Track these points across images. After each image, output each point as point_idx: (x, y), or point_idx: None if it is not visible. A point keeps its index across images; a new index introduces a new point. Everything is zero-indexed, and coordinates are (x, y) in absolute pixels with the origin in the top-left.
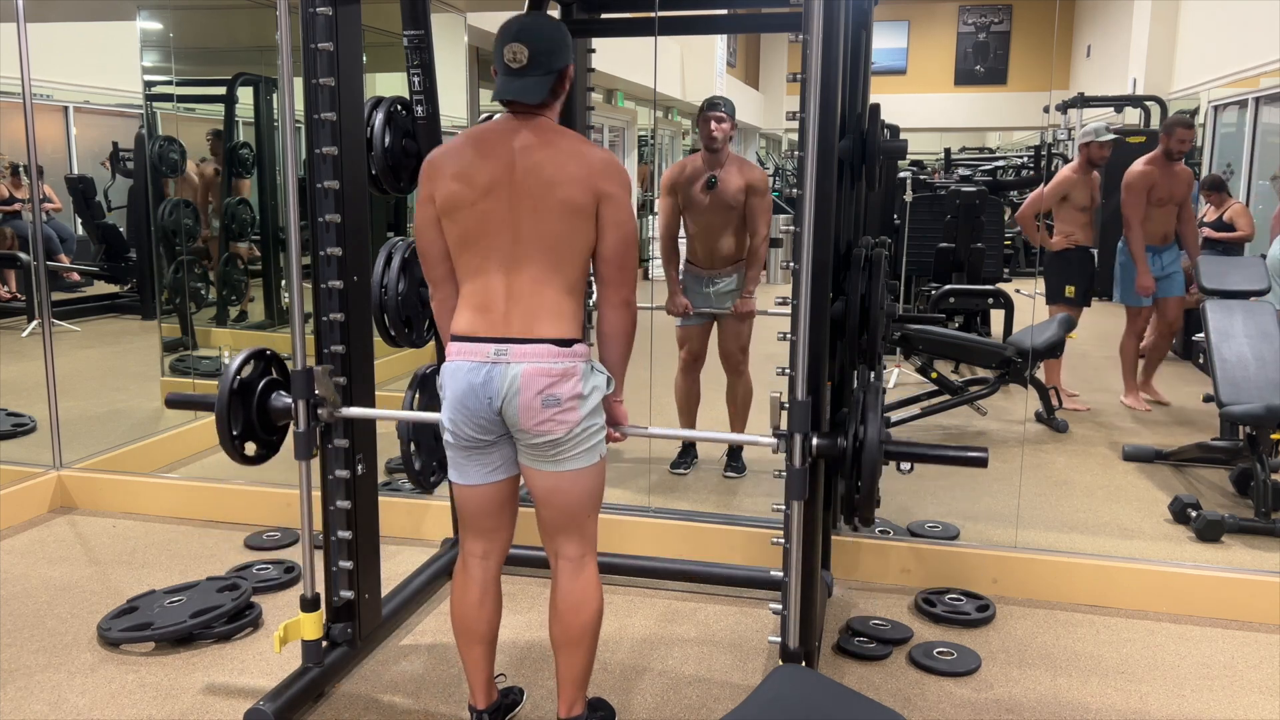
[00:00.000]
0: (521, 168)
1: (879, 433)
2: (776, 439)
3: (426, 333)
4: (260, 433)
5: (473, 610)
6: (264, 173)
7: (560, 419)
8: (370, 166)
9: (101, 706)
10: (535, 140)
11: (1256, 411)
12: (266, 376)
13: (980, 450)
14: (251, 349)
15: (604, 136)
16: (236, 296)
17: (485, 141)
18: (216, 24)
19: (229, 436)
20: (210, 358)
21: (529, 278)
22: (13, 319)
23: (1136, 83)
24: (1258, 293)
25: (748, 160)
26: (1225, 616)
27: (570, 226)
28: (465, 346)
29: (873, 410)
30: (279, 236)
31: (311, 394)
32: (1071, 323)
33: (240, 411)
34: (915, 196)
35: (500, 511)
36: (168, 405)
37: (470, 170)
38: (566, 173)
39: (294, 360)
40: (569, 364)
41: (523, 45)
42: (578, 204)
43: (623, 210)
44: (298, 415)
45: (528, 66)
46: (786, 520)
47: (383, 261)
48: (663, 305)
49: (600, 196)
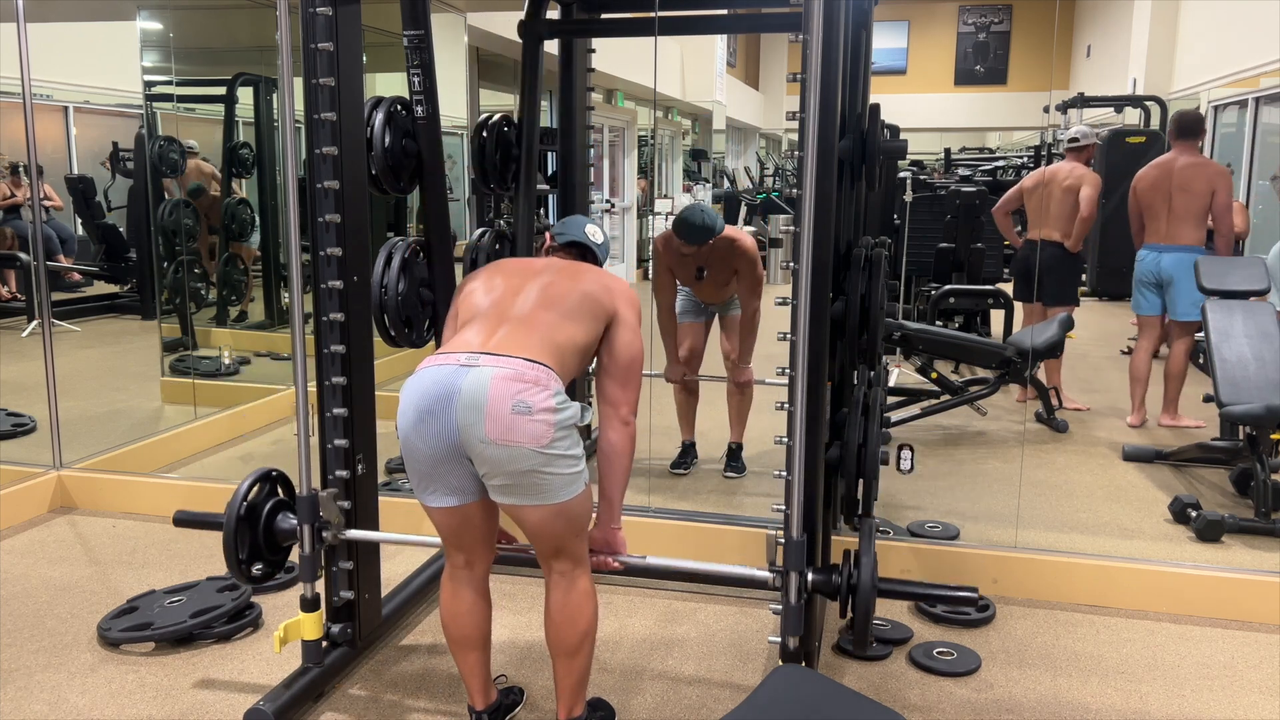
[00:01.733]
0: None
1: (872, 576)
2: (772, 574)
3: (426, 333)
4: (266, 554)
5: (463, 618)
6: (264, 173)
7: (529, 430)
8: (370, 166)
9: (101, 706)
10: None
11: (1256, 411)
12: (273, 498)
13: (970, 590)
14: (258, 472)
15: (604, 136)
16: (236, 296)
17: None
18: (216, 24)
19: (235, 561)
20: (210, 358)
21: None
22: (13, 319)
23: (1136, 83)
24: (1258, 293)
25: (733, 235)
26: (1225, 616)
27: (584, 308)
28: (434, 358)
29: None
30: (279, 237)
31: (317, 518)
32: (1071, 323)
33: (247, 535)
34: (915, 196)
35: (477, 531)
36: (176, 524)
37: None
38: (588, 281)
39: (299, 484)
40: (542, 374)
41: (601, 232)
42: (595, 305)
43: (632, 332)
44: (303, 539)
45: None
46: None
47: (383, 261)
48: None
49: (614, 314)
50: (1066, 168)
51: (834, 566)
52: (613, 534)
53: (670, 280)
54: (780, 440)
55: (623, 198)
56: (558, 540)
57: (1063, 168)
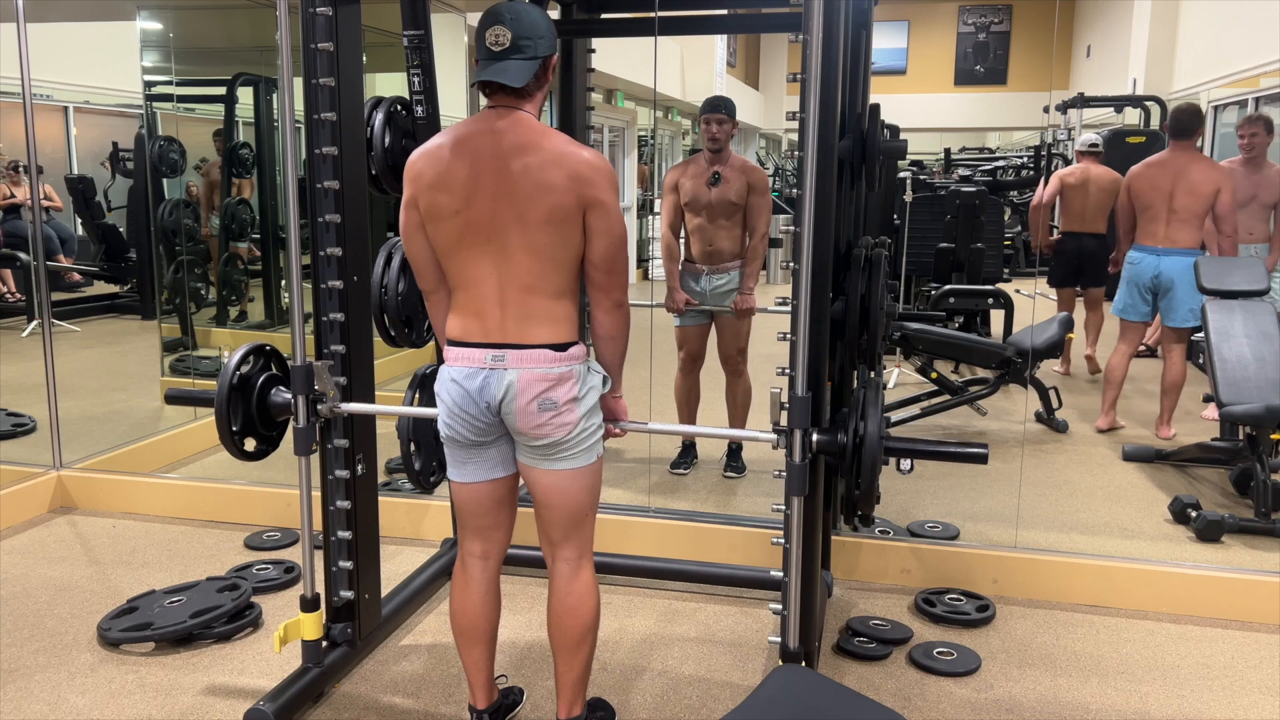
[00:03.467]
0: (505, 173)
1: (879, 428)
2: (776, 435)
3: (426, 333)
4: (260, 428)
5: (473, 610)
6: (264, 173)
7: (557, 422)
8: (370, 166)
9: (101, 706)
10: (519, 142)
11: (1256, 411)
12: (266, 372)
13: (980, 446)
14: (251, 344)
15: (604, 136)
16: (236, 296)
17: (466, 143)
18: (216, 24)
19: (228, 432)
20: (210, 358)
21: (519, 284)
22: (13, 319)
23: (1136, 83)
24: (1258, 293)
25: (749, 161)
26: (1225, 616)
27: (558, 233)
28: (461, 352)
29: (873, 406)
30: (279, 236)
31: (311, 389)
32: (1071, 323)
33: (240, 407)
34: (915, 196)
35: (498, 509)
36: (167, 401)
37: (451, 177)
38: (552, 179)
39: (294, 356)
40: (565, 368)
41: (505, 28)
42: (565, 212)
43: (611, 215)
44: (297, 410)
45: (510, 49)
46: (786, 519)
47: (383, 261)
48: (662, 303)
49: (588, 204)
50: (1097, 169)
51: (839, 424)
52: (614, 402)
53: (677, 204)
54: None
55: (622, 198)
56: (567, 510)
57: (1093, 168)
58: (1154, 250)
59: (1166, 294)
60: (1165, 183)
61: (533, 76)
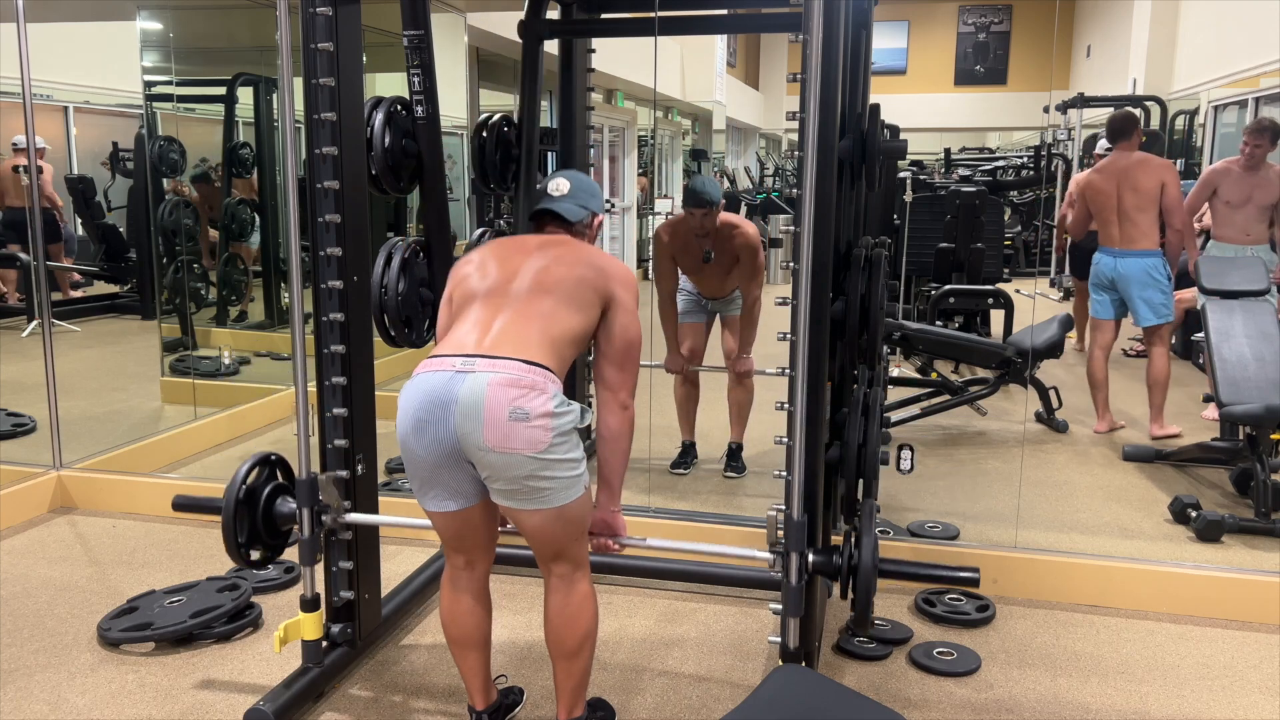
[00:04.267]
0: (540, 256)
1: (873, 556)
2: (773, 555)
3: (426, 333)
4: (265, 538)
5: (463, 618)
6: (264, 173)
7: (527, 436)
8: (370, 166)
9: (101, 706)
10: (559, 241)
11: (1256, 411)
12: (272, 481)
13: (972, 570)
14: (257, 456)
15: (604, 137)
16: (236, 296)
17: (512, 239)
18: (216, 24)
19: (235, 544)
20: (210, 358)
21: (520, 318)
22: (13, 319)
23: (1136, 83)
24: (1258, 293)
25: (737, 221)
26: (1225, 616)
27: (572, 305)
28: (430, 362)
29: (867, 531)
30: (278, 237)
31: (316, 502)
32: (1071, 323)
33: (246, 520)
34: (915, 196)
35: (475, 534)
36: (175, 509)
37: (489, 256)
38: (581, 272)
39: (299, 467)
40: (539, 378)
41: (567, 181)
42: (585, 293)
43: (629, 316)
44: (303, 523)
45: (567, 196)
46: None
47: (383, 261)
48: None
49: (611, 297)
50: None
51: (835, 547)
52: (613, 516)
53: (672, 269)
54: (780, 440)
55: (622, 198)
56: (556, 544)
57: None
58: (1111, 251)
59: (1125, 293)
60: (1110, 185)
61: (580, 221)
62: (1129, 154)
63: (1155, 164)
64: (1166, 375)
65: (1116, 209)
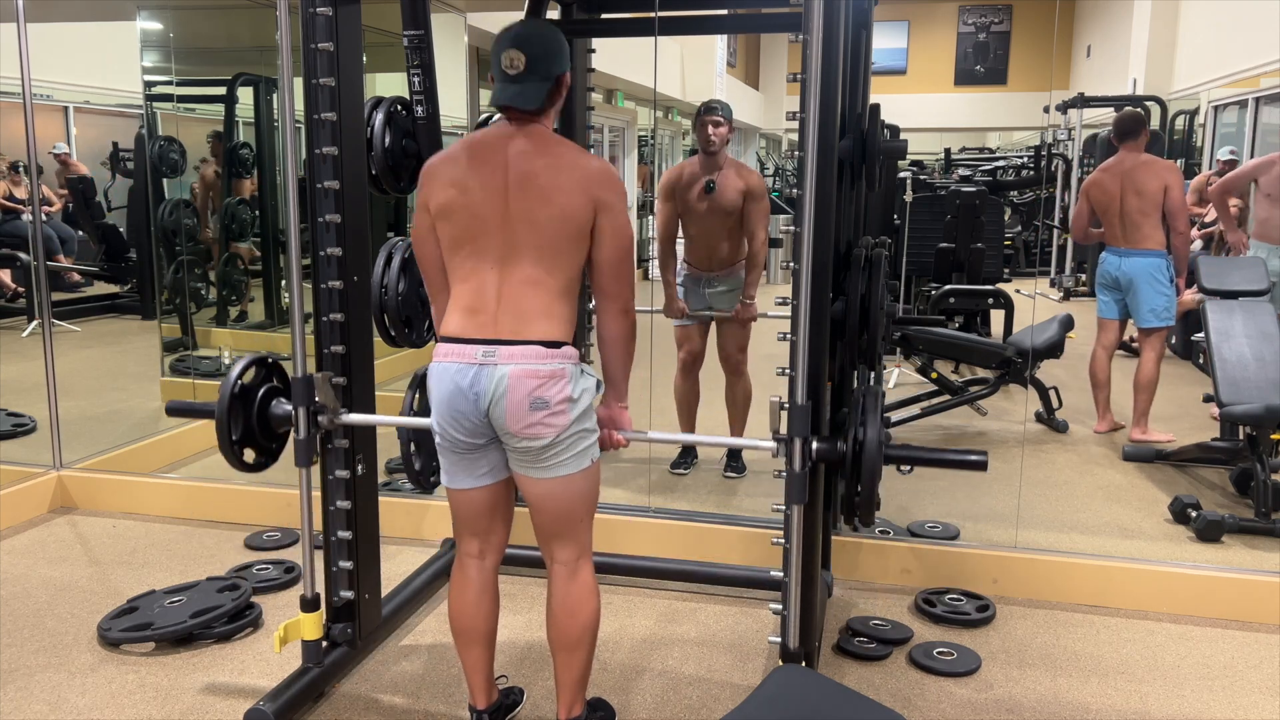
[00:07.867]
0: (517, 174)
1: (879, 435)
2: (776, 443)
3: (426, 333)
4: (260, 440)
5: (470, 610)
6: (264, 173)
7: (549, 422)
8: (370, 166)
9: (101, 706)
10: (532, 148)
11: (1256, 411)
12: (267, 383)
13: (980, 453)
14: (252, 355)
15: (604, 137)
16: (236, 297)
17: (482, 148)
18: (216, 24)
19: (229, 443)
20: (210, 358)
21: (521, 279)
22: (13, 319)
23: (1136, 83)
24: (1258, 293)
25: (745, 164)
26: (1225, 616)
27: (565, 233)
28: (452, 348)
29: (872, 413)
30: (279, 237)
31: (312, 401)
32: (1071, 323)
33: (240, 418)
34: (915, 196)
35: (493, 513)
36: (168, 413)
37: (465, 176)
38: (563, 181)
39: (294, 366)
40: (557, 365)
41: (520, 52)
42: (574, 212)
43: (619, 220)
44: (298, 423)
45: (525, 73)
46: (786, 522)
47: (383, 261)
48: (661, 309)
49: (598, 206)
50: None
51: (839, 430)
52: (619, 412)
53: (673, 213)
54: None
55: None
56: (562, 518)
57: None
58: (1117, 251)
59: (1129, 294)
60: (1114, 186)
61: (545, 95)
62: (1135, 155)
63: (1160, 166)
64: (1154, 380)
65: (1120, 209)
